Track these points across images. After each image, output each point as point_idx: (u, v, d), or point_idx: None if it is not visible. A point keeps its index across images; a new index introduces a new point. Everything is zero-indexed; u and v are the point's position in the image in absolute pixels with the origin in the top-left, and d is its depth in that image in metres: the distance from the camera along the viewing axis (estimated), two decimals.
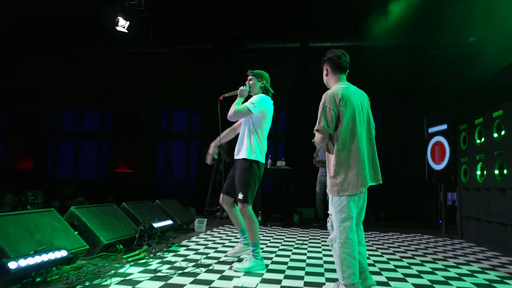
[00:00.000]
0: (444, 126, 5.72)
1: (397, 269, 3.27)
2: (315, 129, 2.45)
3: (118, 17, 8.46)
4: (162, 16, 9.89)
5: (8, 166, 13.16)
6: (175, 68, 11.15)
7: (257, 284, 2.69)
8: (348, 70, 2.60)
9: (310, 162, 7.06)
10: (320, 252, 4.02)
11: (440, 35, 8.03)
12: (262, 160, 3.26)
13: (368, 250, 3.97)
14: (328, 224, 2.47)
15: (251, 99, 3.25)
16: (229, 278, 2.82)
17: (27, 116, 13.25)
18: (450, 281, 2.92)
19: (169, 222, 4.37)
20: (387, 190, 8.61)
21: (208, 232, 5.16)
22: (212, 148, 3.53)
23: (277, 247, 4.24)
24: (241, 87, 3.37)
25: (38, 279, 2.39)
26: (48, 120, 13.35)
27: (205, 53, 10.70)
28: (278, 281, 2.77)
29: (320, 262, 3.52)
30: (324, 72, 2.63)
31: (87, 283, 2.48)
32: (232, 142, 3.76)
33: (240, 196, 3.12)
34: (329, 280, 2.83)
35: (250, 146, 3.19)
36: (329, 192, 2.44)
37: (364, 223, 2.57)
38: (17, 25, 10.41)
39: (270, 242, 4.54)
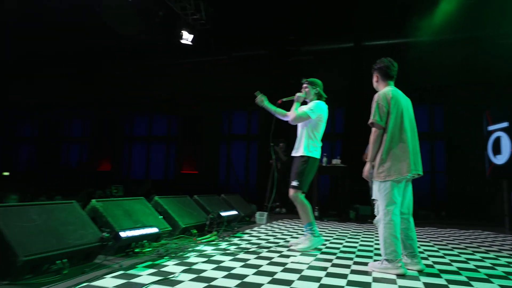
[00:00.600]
0: (505, 124, 5.63)
1: (452, 263, 3.33)
2: (369, 122, 2.82)
3: (182, 31, 9.37)
4: (222, 26, 10.65)
5: (90, 169, 14.90)
6: (234, 74, 11.87)
7: (311, 261, 3.11)
8: (395, 77, 2.96)
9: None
10: (372, 241, 4.31)
11: (501, 25, 7.74)
12: (317, 157, 3.69)
13: (423, 244, 4.17)
14: (375, 208, 2.82)
15: (309, 105, 3.72)
16: (288, 256, 3.27)
17: (106, 123, 14.90)
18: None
19: (234, 212, 4.94)
20: (450, 188, 8.45)
21: (268, 225, 5.65)
22: None
23: (332, 236, 4.60)
24: (298, 94, 3.81)
25: (136, 250, 3.05)
26: (123, 126, 14.86)
27: (262, 58, 11.27)
28: (329, 260, 3.17)
29: (370, 248, 3.84)
30: (375, 79, 3.01)
31: (172, 255, 3.09)
32: (289, 143, 4.22)
33: (295, 183, 3.57)
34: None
35: (307, 145, 3.65)
36: (375, 179, 2.79)
37: (423, 219, 2.90)
38: (101, 45, 11.84)
39: (325, 233, 4.90)
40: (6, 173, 15.14)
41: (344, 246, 3.92)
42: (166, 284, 2.30)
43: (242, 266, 2.84)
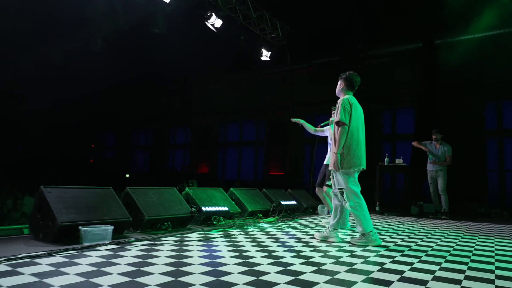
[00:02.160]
0: None
1: None
2: (335, 120, 3.55)
3: (262, 50, 10.80)
4: (297, 40, 11.84)
5: (191, 171, 17.32)
6: (311, 81, 12.93)
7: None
8: (356, 88, 3.70)
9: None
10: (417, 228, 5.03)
11: None
12: None
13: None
14: (345, 196, 3.56)
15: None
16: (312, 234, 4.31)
17: (203, 131, 17.22)
18: None
19: (294, 202, 6.08)
20: None
21: (328, 215, 6.63)
22: None
23: (387, 225, 5.42)
24: (331, 119, 4.84)
25: (214, 222, 4.43)
26: (217, 133, 16.98)
27: (334, 64, 12.12)
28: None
29: (414, 232, 4.62)
30: (341, 86, 3.70)
31: (238, 227, 4.39)
32: None
33: (329, 182, 4.59)
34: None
35: None
36: (338, 170, 3.53)
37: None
38: (191, 62, 14.03)
39: (381, 223, 5.71)
40: (127, 175, 18.57)
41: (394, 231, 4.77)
42: (228, 239, 3.59)
43: (283, 234, 4.01)
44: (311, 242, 3.57)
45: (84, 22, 11.76)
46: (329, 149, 4.79)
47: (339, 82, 3.74)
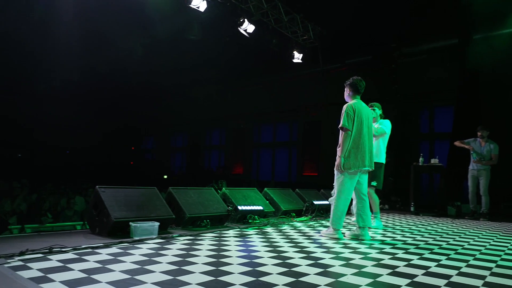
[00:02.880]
0: None
1: None
2: (339, 126, 3.80)
3: (294, 52, 10.97)
4: (329, 41, 11.90)
5: (227, 172, 17.76)
6: (344, 80, 12.91)
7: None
8: (362, 92, 3.92)
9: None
10: (450, 228, 5.04)
11: None
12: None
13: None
14: (334, 190, 3.88)
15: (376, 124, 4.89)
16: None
17: (237, 132, 17.63)
18: None
19: (326, 202, 6.21)
20: None
21: None
22: None
23: (420, 225, 5.46)
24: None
25: (250, 220, 4.69)
26: (251, 134, 17.32)
27: (368, 64, 12.05)
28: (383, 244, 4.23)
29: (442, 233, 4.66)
30: (347, 92, 4.00)
31: (272, 225, 4.63)
32: None
33: (374, 183, 4.75)
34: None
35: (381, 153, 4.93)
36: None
37: None
38: (226, 66, 14.44)
39: (414, 222, 5.75)
40: (165, 176, 19.34)
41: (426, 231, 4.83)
42: (263, 237, 3.83)
43: (315, 232, 4.19)
44: (341, 239, 3.74)
45: (125, 32, 12.48)
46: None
47: (345, 89, 4.02)
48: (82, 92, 17.27)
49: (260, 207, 4.81)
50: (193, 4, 7.93)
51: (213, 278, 2.16)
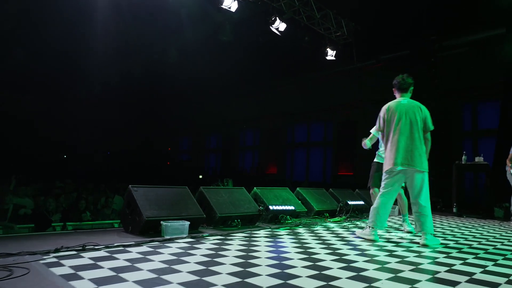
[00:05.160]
0: None
1: None
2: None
3: (327, 49, 10.74)
4: (364, 37, 11.54)
5: (260, 172, 17.74)
6: (381, 77, 12.46)
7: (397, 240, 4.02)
8: (408, 88, 3.82)
9: None
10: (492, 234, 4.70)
11: None
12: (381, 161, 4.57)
13: None
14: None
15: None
16: (390, 232, 4.25)
17: (271, 132, 17.56)
18: None
19: (361, 202, 6.00)
20: None
21: (399, 216, 6.41)
22: None
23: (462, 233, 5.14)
24: None
25: (282, 221, 4.61)
26: (285, 134, 17.18)
27: (405, 59, 11.55)
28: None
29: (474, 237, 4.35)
30: (394, 92, 3.95)
31: (305, 225, 4.52)
32: None
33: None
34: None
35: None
36: None
37: None
38: (259, 65, 14.40)
39: (457, 225, 5.42)
40: (200, 177, 19.64)
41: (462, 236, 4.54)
42: (294, 237, 3.74)
43: (349, 234, 4.04)
44: (376, 241, 3.57)
45: (158, 36, 12.78)
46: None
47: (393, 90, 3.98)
48: (121, 95, 17.93)
49: (292, 207, 4.71)
50: (225, 5, 7.95)
51: (239, 279, 2.10)
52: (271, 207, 4.47)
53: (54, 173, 11.71)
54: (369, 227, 3.65)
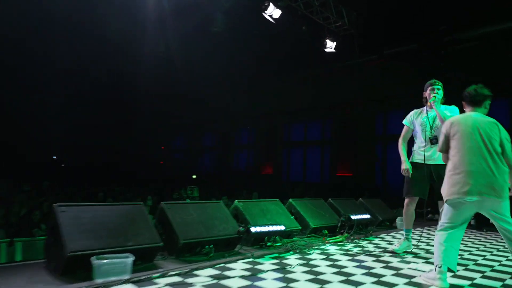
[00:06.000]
0: None
1: None
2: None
3: (326, 40, 9.76)
4: (366, 28, 10.56)
5: (256, 172, 16.80)
6: (384, 73, 11.53)
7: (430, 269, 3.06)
8: (482, 102, 2.87)
9: None
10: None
11: None
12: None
13: None
14: None
15: (452, 111, 3.55)
16: (408, 262, 3.29)
17: (267, 131, 16.59)
18: None
19: (367, 216, 5.04)
20: None
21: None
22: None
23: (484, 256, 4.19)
24: (435, 98, 3.56)
25: (268, 244, 3.64)
26: (282, 133, 16.23)
27: (413, 53, 10.60)
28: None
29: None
30: (463, 106, 3.02)
31: (298, 251, 3.55)
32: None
33: None
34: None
35: None
36: None
37: None
38: (255, 61, 13.40)
39: (477, 239, 4.47)
40: (194, 176, 18.68)
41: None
42: (280, 272, 2.78)
43: (354, 266, 3.07)
44: (397, 284, 2.61)
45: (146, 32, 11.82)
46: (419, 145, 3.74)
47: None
48: (111, 93, 17.03)
49: (281, 227, 3.74)
50: None
51: None
52: (253, 229, 3.49)
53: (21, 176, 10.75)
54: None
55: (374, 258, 3.40)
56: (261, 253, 3.38)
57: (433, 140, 3.57)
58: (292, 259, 3.22)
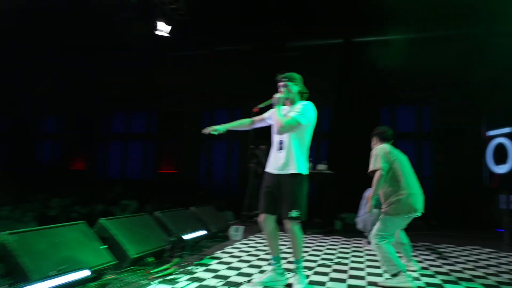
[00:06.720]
0: (507, 130, 5.08)
1: None
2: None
3: (157, 22, 8.54)
4: (203, 18, 9.86)
5: (62, 167, 13.97)
6: (216, 70, 11.15)
7: None
8: (391, 139, 3.43)
9: (353, 163, 6.63)
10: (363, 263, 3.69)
11: (499, 22, 7.20)
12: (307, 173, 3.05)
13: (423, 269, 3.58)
14: None
15: (297, 109, 2.99)
16: None
17: (81, 119, 13.99)
18: None
19: (203, 232, 4.26)
20: (440, 194, 7.96)
21: (244, 241, 4.98)
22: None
23: (315, 261, 3.96)
24: (277, 95, 3.06)
25: None
26: (99, 123, 14.00)
27: (246, 53, 10.58)
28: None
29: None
30: (373, 142, 3.50)
31: None
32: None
33: (296, 213, 2.88)
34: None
35: (299, 159, 2.95)
36: None
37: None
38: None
39: (309, 255, 4.27)
40: None
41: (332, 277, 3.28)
42: None
43: None
44: None
45: None
46: (289, 152, 3.03)
47: (372, 140, 3.56)
48: None
49: (84, 273, 2.47)
50: None
51: None
52: None
53: None
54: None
55: None
56: None
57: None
58: None
